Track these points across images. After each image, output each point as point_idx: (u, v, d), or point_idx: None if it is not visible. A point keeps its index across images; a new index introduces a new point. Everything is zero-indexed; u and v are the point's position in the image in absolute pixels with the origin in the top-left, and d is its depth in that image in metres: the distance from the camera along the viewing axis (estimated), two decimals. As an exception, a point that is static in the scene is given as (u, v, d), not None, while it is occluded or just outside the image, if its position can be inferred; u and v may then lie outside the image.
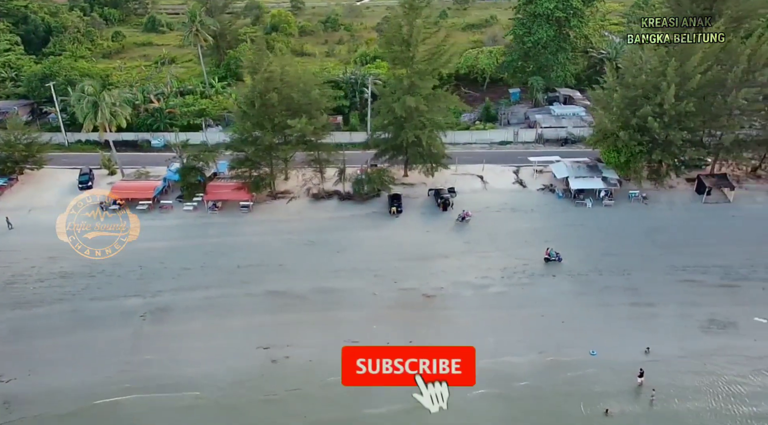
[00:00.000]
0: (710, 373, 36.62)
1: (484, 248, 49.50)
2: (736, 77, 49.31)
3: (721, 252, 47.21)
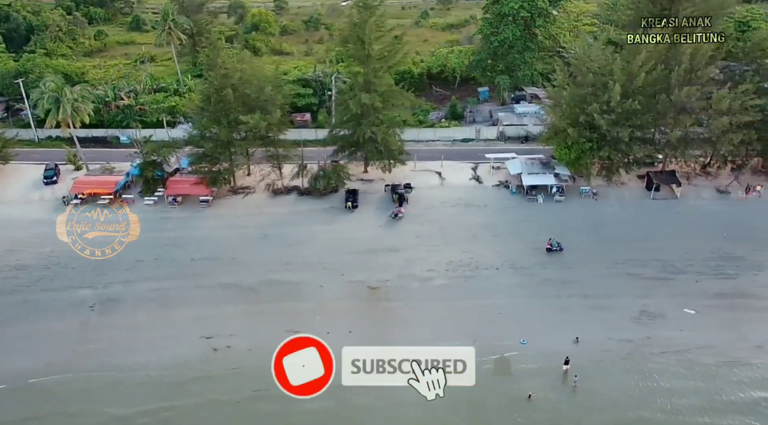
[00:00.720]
0: (634, 361, 37.86)
1: (433, 242, 50.71)
2: (679, 76, 50.49)
3: (661, 247, 48.46)
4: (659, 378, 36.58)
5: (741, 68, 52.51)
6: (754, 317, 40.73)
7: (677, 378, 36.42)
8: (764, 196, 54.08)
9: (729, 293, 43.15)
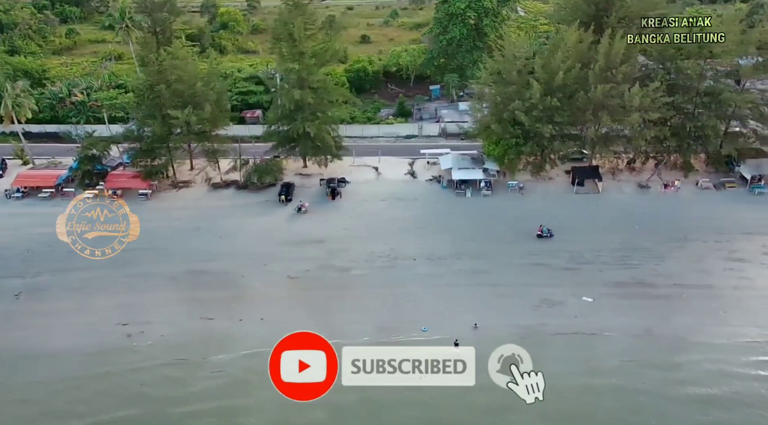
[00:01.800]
0: (525, 345, 39.48)
1: (359, 235, 52.46)
2: (596, 74, 52.29)
3: (575, 239, 50.23)
4: (544, 359, 38.23)
5: (658, 67, 54.32)
6: (645, 304, 42.56)
7: (560, 362, 37.97)
8: (682, 191, 55.96)
9: (628, 282, 44.99)
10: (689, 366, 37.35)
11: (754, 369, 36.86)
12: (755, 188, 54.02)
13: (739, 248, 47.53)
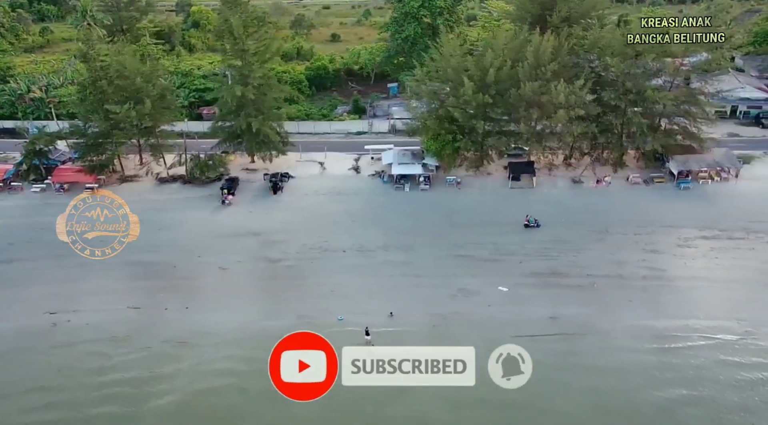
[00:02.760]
0: (436, 331, 41.02)
1: (295, 227, 53.83)
2: (525, 72, 53.75)
3: (502, 232, 51.62)
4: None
5: (587, 64, 55.76)
6: (557, 293, 43.93)
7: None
8: (613, 186, 57.45)
9: (544, 272, 46.42)
10: (584, 347, 38.77)
11: (646, 354, 38.11)
12: (681, 183, 55.53)
13: (656, 241, 49.01)
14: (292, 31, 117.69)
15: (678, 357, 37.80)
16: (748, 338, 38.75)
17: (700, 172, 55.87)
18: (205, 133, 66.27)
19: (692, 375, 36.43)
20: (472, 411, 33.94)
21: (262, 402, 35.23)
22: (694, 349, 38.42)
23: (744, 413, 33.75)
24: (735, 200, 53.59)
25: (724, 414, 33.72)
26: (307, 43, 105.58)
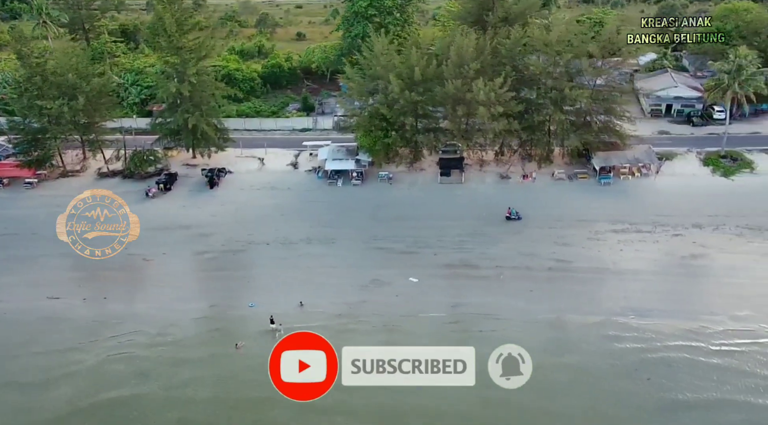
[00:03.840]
0: (341, 320, 42.56)
1: (224, 221, 55.25)
2: (449, 70, 55.23)
3: (425, 225, 53.03)
4: (356, 333, 41.26)
5: (509, 63, 57.26)
6: (464, 283, 45.64)
7: (370, 333, 41.07)
8: (538, 181, 58.94)
9: (456, 264, 47.99)
10: (476, 333, 40.23)
11: (537, 339, 39.15)
12: (602, 179, 57.10)
13: (569, 234, 50.52)
14: (256, 29, 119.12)
15: (569, 338, 39.62)
16: (633, 323, 40.42)
17: (621, 168, 57.50)
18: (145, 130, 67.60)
19: (578, 360, 38.10)
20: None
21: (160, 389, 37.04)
22: (583, 333, 40.10)
23: (617, 393, 35.35)
24: (650, 195, 55.18)
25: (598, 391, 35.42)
26: (269, 42, 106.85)
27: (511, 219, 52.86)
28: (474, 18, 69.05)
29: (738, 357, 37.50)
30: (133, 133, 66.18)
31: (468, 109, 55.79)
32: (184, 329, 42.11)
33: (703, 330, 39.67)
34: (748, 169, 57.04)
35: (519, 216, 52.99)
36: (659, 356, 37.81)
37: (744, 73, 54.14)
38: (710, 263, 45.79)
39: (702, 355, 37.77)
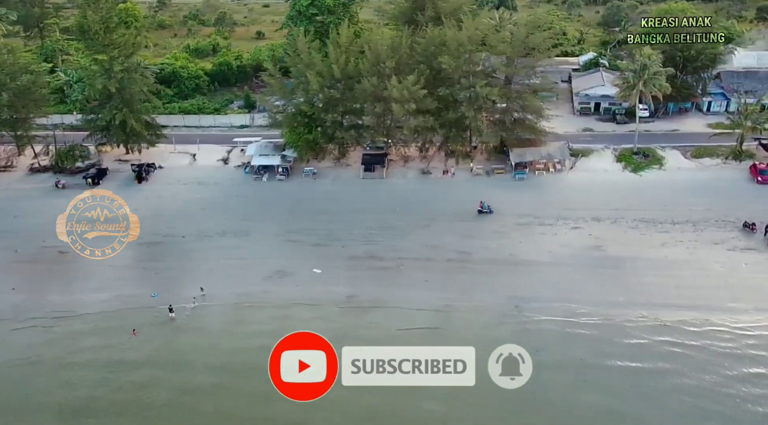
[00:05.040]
0: (241, 308, 44.20)
1: (145, 215, 54.54)
2: (366, 68, 56.73)
3: (338, 219, 54.47)
4: (254, 321, 42.87)
5: (425, 61, 58.78)
6: (366, 274, 47.03)
7: (266, 321, 42.51)
8: (457, 177, 60.53)
9: (362, 256, 49.47)
10: (366, 321, 42.14)
11: (424, 325, 41.46)
12: (517, 174, 58.78)
13: (476, 228, 52.07)
14: (215, 28, 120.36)
15: (451, 326, 41.35)
16: (512, 311, 42.29)
17: (536, 164, 59.17)
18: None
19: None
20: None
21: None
22: (466, 320, 41.80)
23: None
24: (560, 190, 56.93)
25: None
26: (225, 41, 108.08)
27: (483, 212, 53.78)
28: (406, 18, 70.64)
29: (599, 329, 40.17)
30: (63, 129, 67.17)
31: (386, 106, 57.30)
32: (84, 317, 43.47)
33: (573, 311, 41.66)
34: (657, 165, 58.94)
35: (491, 210, 53.80)
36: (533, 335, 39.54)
37: (647, 72, 55.93)
38: (600, 254, 47.52)
39: (569, 327, 40.43)
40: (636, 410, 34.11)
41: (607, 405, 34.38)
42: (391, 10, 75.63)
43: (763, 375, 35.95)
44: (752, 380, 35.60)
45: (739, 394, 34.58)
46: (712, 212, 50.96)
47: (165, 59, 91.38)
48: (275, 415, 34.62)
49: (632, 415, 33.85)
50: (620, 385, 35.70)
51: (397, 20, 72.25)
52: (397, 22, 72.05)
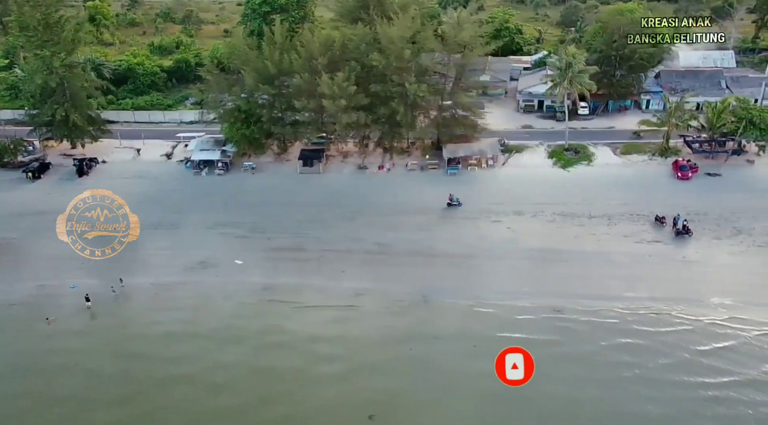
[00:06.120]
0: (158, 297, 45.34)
1: (81, 207, 57.31)
2: (299, 64, 57.83)
3: (269, 212, 55.75)
4: (164, 309, 44.09)
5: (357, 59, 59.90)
6: (288, 265, 48.25)
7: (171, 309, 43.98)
8: (393, 172, 61.67)
9: (287, 247, 50.64)
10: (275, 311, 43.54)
11: (333, 314, 42.81)
12: (449, 169, 59.93)
13: (401, 221, 53.07)
14: (182, 26, 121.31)
15: (357, 313, 42.69)
16: (419, 301, 43.41)
17: (469, 159, 60.34)
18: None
19: (358, 332, 40.98)
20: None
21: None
22: (373, 307, 43.22)
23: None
24: (489, 185, 58.02)
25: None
26: (189, 38, 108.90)
27: (452, 206, 54.69)
28: (353, 16, 71.67)
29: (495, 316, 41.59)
30: (3, 124, 68.09)
31: (318, 102, 58.37)
32: (2, 307, 44.45)
33: (477, 301, 42.97)
34: (586, 161, 60.18)
35: (459, 203, 54.64)
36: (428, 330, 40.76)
37: (571, 70, 57.13)
38: (515, 246, 48.68)
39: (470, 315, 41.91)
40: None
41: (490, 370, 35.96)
42: (338, 9, 76.78)
43: (633, 344, 38.48)
44: (625, 348, 38.19)
45: (610, 360, 37.38)
46: (628, 206, 52.28)
47: (123, 56, 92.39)
48: (175, 397, 36.54)
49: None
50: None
51: (344, 18, 73.37)
52: (344, 20, 73.16)
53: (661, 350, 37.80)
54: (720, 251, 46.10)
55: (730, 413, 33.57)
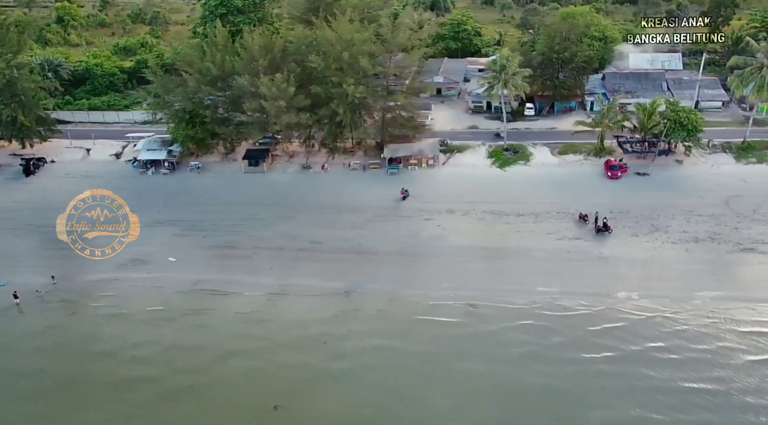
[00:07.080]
0: (95, 296, 46.26)
1: (23, 207, 58.77)
2: (240, 66, 58.95)
3: (208, 210, 56.87)
4: (94, 304, 45.09)
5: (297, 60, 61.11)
6: (219, 262, 49.67)
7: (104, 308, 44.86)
8: (335, 171, 62.79)
9: (222, 245, 51.72)
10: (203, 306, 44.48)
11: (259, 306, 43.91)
12: (390, 169, 61.17)
13: (338, 219, 54.23)
14: (150, 26, 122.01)
15: (279, 307, 43.86)
16: (341, 296, 44.56)
17: (410, 159, 61.59)
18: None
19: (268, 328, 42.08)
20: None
21: None
22: (292, 300, 44.53)
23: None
24: (427, 184, 59.05)
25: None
26: (154, 39, 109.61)
27: (406, 199, 56.12)
28: (303, 19, 72.81)
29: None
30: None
31: (258, 103, 59.41)
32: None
33: (396, 296, 44.33)
34: (524, 161, 61.62)
35: (408, 194, 56.04)
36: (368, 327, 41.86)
37: (505, 72, 58.53)
38: (441, 243, 49.93)
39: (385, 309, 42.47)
40: (424, 349, 39.19)
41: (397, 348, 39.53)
42: (289, 12, 77.82)
43: (532, 325, 40.62)
44: (524, 328, 40.39)
45: (509, 338, 39.68)
46: (556, 204, 53.65)
47: (82, 57, 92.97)
48: (93, 369, 38.79)
49: (412, 353, 38.96)
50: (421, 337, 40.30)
51: (295, 21, 74.51)
52: (295, 22, 74.31)
53: (557, 330, 39.93)
54: (635, 247, 47.51)
55: (621, 384, 35.39)
